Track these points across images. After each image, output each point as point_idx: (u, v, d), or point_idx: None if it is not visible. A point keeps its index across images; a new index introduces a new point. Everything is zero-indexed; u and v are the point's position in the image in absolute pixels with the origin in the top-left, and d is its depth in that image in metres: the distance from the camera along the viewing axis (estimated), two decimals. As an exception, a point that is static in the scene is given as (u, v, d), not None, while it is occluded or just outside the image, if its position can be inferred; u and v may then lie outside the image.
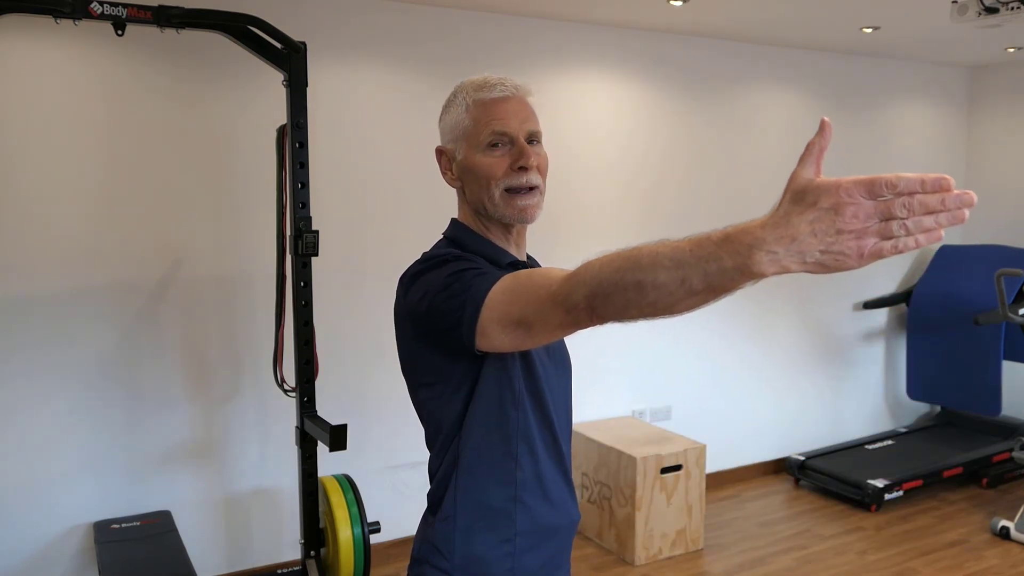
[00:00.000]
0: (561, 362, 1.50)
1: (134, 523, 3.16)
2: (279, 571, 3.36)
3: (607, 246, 1.52)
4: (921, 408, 5.55)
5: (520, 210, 1.38)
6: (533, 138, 1.41)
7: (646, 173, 4.35)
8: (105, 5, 2.56)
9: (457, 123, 1.42)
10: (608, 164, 4.23)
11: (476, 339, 1.21)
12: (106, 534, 3.08)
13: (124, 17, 2.60)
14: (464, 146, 1.41)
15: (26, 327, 3.10)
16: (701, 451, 3.92)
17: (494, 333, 1.19)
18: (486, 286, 1.20)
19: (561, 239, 4.06)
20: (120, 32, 2.64)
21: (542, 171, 1.41)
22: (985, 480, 4.67)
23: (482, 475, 1.37)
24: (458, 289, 1.23)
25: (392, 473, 3.81)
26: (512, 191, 1.37)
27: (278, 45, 2.88)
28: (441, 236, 1.47)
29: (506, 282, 1.20)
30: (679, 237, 1.01)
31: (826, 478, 4.57)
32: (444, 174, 1.47)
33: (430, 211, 3.78)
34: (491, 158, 1.38)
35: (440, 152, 1.47)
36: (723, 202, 4.61)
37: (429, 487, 1.43)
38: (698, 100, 4.47)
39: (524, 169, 1.37)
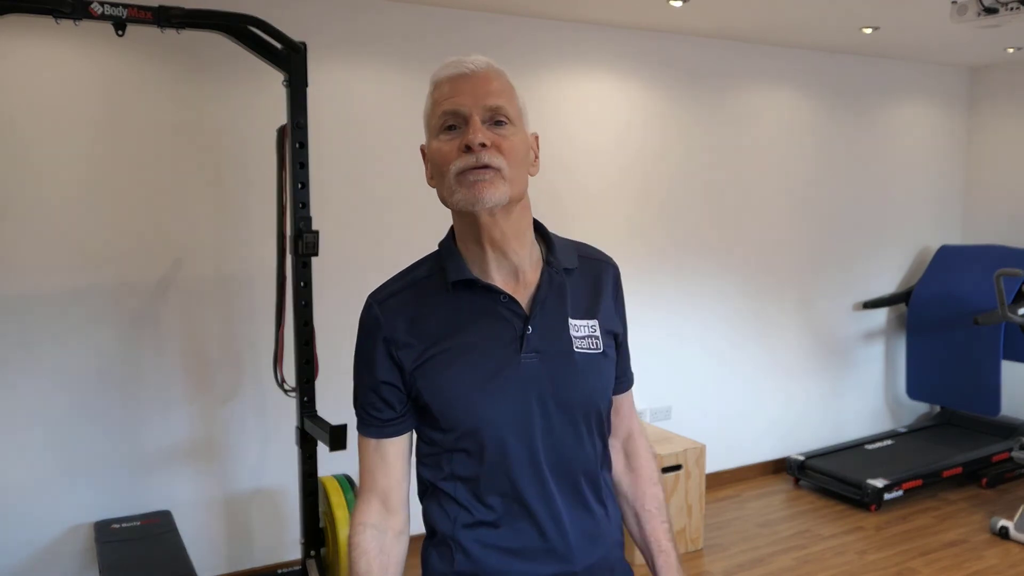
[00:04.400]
0: (557, 399, 1.28)
1: (134, 523, 3.17)
2: (279, 571, 3.36)
3: (603, 245, 1.51)
4: (921, 408, 5.55)
5: (468, 187, 1.19)
6: (496, 116, 1.22)
7: (644, 172, 4.35)
8: (105, 5, 2.56)
9: (424, 112, 1.28)
10: (606, 163, 4.23)
11: None
12: (106, 534, 3.08)
13: (124, 17, 2.60)
14: (427, 135, 1.27)
15: (26, 327, 3.10)
16: (701, 451, 3.92)
17: None
18: (363, 431, 1.35)
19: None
20: (120, 32, 2.64)
21: (506, 152, 1.21)
22: (985, 480, 4.67)
23: (429, 501, 1.36)
24: (358, 404, 1.35)
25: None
26: (462, 172, 1.20)
27: (278, 45, 2.88)
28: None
29: (365, 456, 1.36)
30: None
31: (826, 478, 4.57)
32: (426, 174, 1.30)
33: (430, 210, 3.78)
34: (443, 142, 1.22)
35: (422, 151, 1.31)
36: (723, 202, 4.61)
37: None
38: (698, 100, 4.47)
39: (470, 149, 1.19)
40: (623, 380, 1.44)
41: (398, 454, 1.34)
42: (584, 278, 1.35)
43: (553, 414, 1.28)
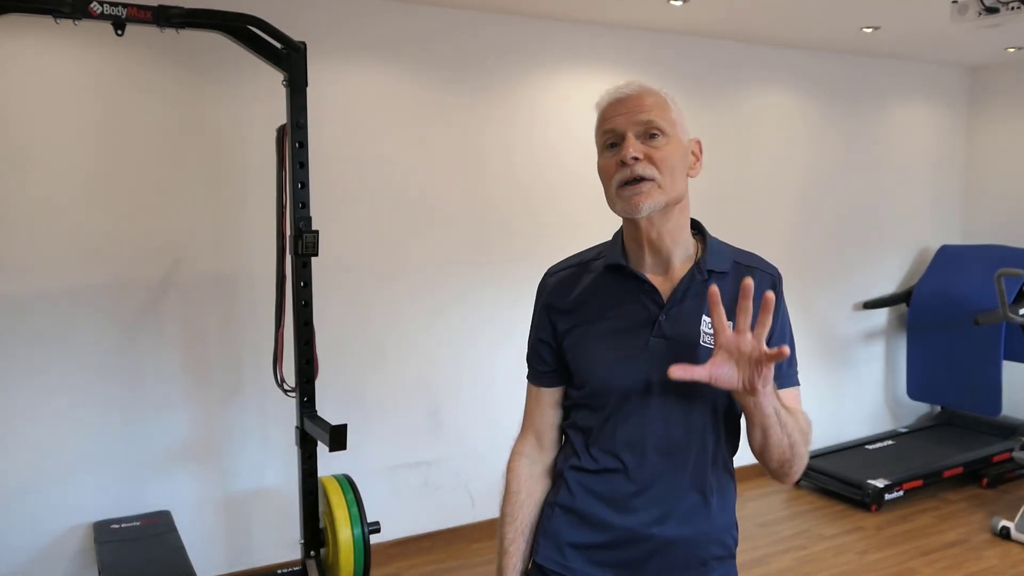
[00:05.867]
0: (674, 383, 1.36)
1: (134, 523, 3.17)
2: (279, 571, 3.35)
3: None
4: (921, 408, 5.55)
5: (627, 200, 1.39)
6: (649, 129, 1.40)
7: (646, 173, 4.35)
8: (105, 5, 2.56)
9: (594, 133, 1.49)
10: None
11: None
12: (106, 534, 3.08)
13: (124, 17, 2.60)
14: (597, 154, 1.48)
15: (26, 326, 3.10)
16: (701, 451, 3.91)
17: None
18: (528, 378, 1.59)
19: (555, 238, 4.06)
20: (120, 32, 2.64)
21: (658, 162, 1.39)
22: (985, 480, 4.67)
23: (561, 446, 1.56)
24: (527, 355, 1.58)
25: (392, 473, 3.81)
26: (621, 186, 1.40)
27: (278, 45, 2.88)
28: None
29: (528, 398, 1.60)
30: None
31: (826, 478, 4.56)
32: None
33: (430, 211, 3.78)
34: (605, 159, 1.43)
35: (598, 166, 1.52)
36: (723, 201, 4.61)
37: None
38: (698, 100, 4.47)
39: (625, 164, 1.38)
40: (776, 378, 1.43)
41: (552, 402, 1.56)
42: (734, 283, 1.42)
43: (670, 396, 1.41)
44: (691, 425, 1.43)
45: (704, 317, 1.42)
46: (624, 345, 1.43)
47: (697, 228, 1.54)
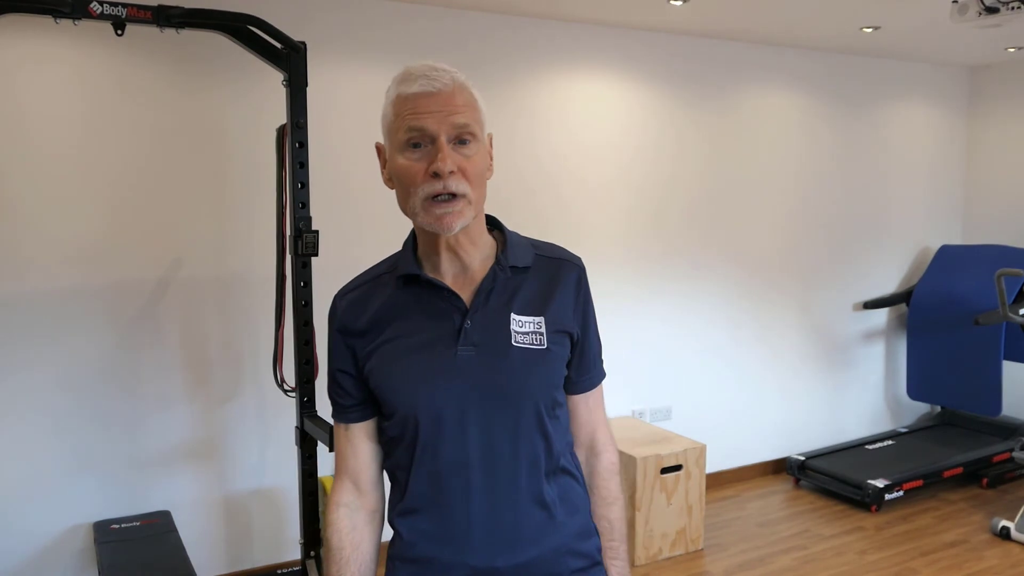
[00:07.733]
0: (490, 392, 1.30)
1: (134, 523, 3.17)
2: (279, 571, 3.36)
3: (604, 244, 1.51)
4: (921, 408, 5.55)
5: (436, 219, 1.24)
6: (461, 135, 1.25)
7: (644, 172, 4.35)
8: (105, 5, 2.56)
9: (384, 116, 1.30)
10: (606, 163, 4.23)
11: None
12: (106, 534, 3.08)
13: (124, 17, 2.60)
14: (389, 145, 1.29)
15: (26, 326, 3.10)
16: (701, 451, 3.92)
17: None
18: (333, 416, 1.43)
19: (557, 238, 4.06)
20: (120, 32, 2.64)
21: (469, 175, 1.24)
22: (985, 480, 4.67)
23: (391, 487, 1.44)
24: (328, 390, 1.43)
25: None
26: (431, 199, 1.24)
27: (278, 45, 2.88)
28: None
29: (336, 440, 1.44)
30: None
31: (826, 478, 4.57)
32: (382, 173, 1.34)
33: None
34: (410, 160, 1.25)
35: (379, 149, 1.34)
36: (723, 202, 4.61)
37: None
38: (697, 100, 4.47)
39: (438, 176, 1.22)
40: (583, 381, 1.44)
41: (364, 438, 1.41)
42: (538, 277, 1.37)
43: (489, 407, 1.30)
44: (517, 435, 1.31)
45: (513, 315, 1.31)
46: (430, 361, 1.30)
47: (494, 224, 1.41)
